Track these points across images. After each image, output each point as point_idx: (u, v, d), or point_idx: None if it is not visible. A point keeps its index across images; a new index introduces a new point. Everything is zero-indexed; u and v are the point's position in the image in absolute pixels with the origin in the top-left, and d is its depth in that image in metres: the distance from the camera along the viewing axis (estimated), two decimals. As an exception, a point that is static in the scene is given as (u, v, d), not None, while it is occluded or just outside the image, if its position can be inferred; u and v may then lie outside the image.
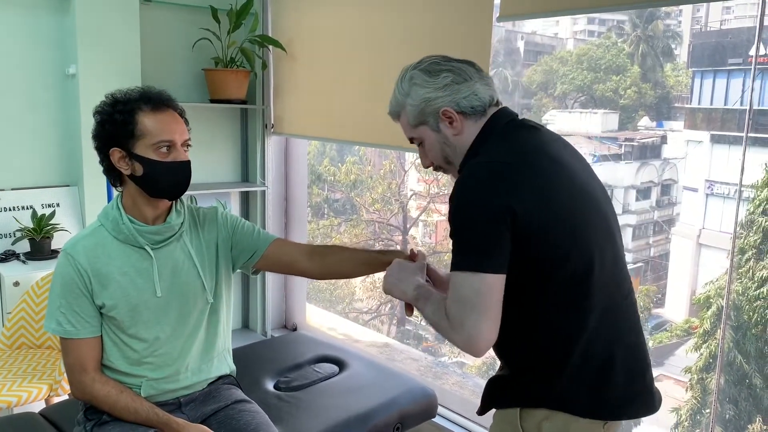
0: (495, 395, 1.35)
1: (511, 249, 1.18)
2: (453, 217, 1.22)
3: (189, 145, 1.57)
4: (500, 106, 1.35)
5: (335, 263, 1.72)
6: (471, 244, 1.19)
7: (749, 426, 7.18)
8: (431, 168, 1.40)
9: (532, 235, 1.18)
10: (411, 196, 12.37)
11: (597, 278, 1.24)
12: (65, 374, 1.61)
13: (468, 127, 1.30)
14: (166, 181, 1.53)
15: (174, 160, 1.52)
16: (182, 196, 1.64)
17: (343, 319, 4.27)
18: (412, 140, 1.38)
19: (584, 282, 1.23)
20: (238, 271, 1.79)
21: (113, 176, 1.57)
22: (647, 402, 1.30)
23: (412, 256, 1.57)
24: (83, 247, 1.54)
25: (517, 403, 1.29)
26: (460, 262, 1.19)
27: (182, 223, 1.63)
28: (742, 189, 8.23)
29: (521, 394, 1.29)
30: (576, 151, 1.37)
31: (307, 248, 1.75)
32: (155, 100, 1.53)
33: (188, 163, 1.55)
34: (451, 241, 1.24)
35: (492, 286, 1.17)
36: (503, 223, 1.16)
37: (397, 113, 1.38)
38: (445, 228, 11.97)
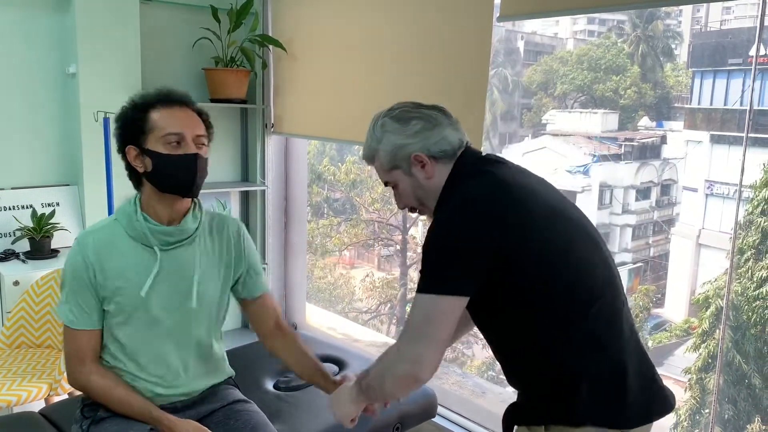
0: (518, 416, 1.35)
1: (498, 279, 1.22)
2: (428, 245, 1.25)
3: (203, 143, 1.55)
4: (465, 147, 1.39)
5: (283, 354, 1.75)
6: (437, 268, 1.24)
7: (748, 426, 7.19)
8: (407, 210, 1.44)
9: (519, 258, 1.22)
10: (411, 197, 12.35)
11: (593, 288, 1.26)
12: (65, 373, 1.60)
13: (439, 170, 1.35)
14: (173, 174, 1.50)
15: (183, 153, 1.50)
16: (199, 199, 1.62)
17: (342, 318, 4.27)
18: (386, 183, 1.42)
19: (583, 293, 1.25)
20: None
21: (133, 177, 1.56)
22: (664, 400, 1.32)
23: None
24: (93, 239, 1.54)
25: (542, 421, 1.29)
26: (422, 285, 1.24)
27: (197, 229, 1.60)
28: (742, 189, 8.23)
29: (545, 414, 1.29)
30: (541, 178, 1.41)
31: (275, 324, 1.75)
32: (167, 97, 1.53)
33: (196, 156, 1.51)
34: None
35: (448, 308, 1.22)
36: (480, 253, 1.20)
37: (371, 157, 1.42)
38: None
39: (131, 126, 1.51)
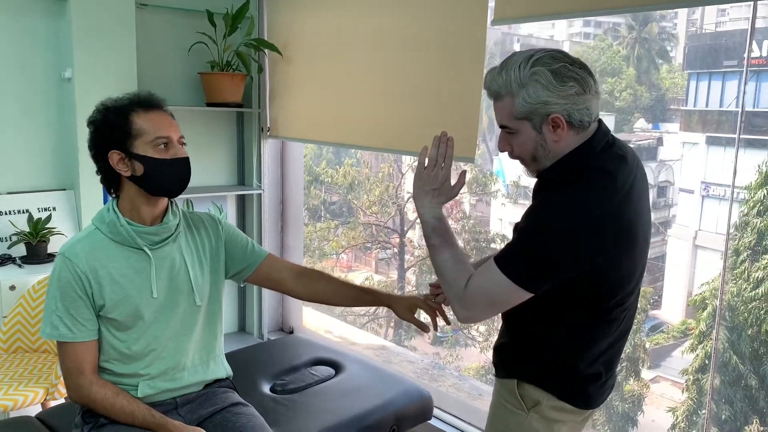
0: (514, 366, 1.43)
1: (568, 284, 1.26)
2: (535, 229, 1.27)
3: (184, 144, 1.60)
4: (598, 123, 1.33)
5: (321, 292, 1.81)
6: (531, 260, 1.25)
7: (746, 428, 7.19)
8: (507, 154, 1.37)
9: (596, 280, 1.27)
10: (408, 198, 12.37)
11: (629, 309, 1.38)
12: (62, 378, 1.61)
13: (569, 137, 1.28)
14: (167, 177, 1.56)
15: (174, 157, 1.55)
16: (176, 200, 1.66)
17: (339, 321, 4.27)
18: (502, 127, 1.33)
19: (621, 312, 1.35)
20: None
21: (111, 181, 1.58)
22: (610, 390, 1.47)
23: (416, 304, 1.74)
24: (81, 249, 1.55)
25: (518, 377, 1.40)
26: (510, 268, 1.25)
27: (178, 224, 1.66)
28: (738, 191, 8.25)
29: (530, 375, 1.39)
30: (645, 181, 1.39)
31: (296, 269, 1.83)
32: (146, 102, 1.57)
33: (188, 159, 1.59)
34: (510, 240, 1.33)
35: (518, 299, 1.27)
36: (574, 266, 1.23)
37: (500, 96, 1.29)
38: (442, 230, 11.97)
39: (114, 130, 1.53)
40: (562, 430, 1.40)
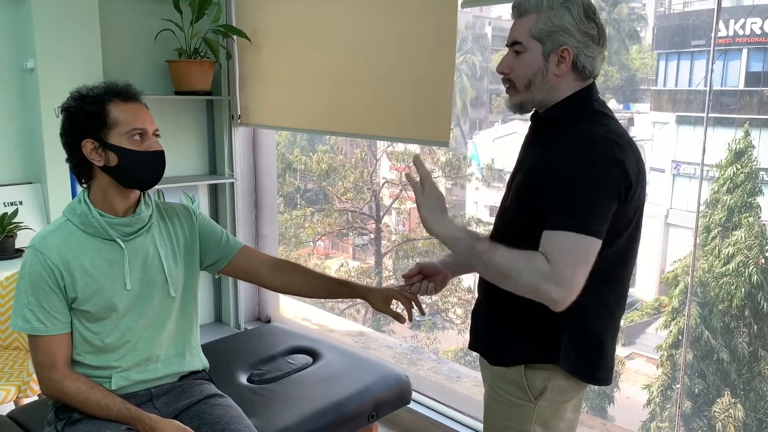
0: (520, 353, 1.37)
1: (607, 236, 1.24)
2: (572, 175, 1.22)
3: (158, 135, 1.58)
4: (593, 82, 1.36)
5: (296, 284, 1.80)
6: (589, 209, 1.20)
7: (718, 400, 7.37)
8: (502, 75, 1.37)
9: (624, 212, 1.26)
10: (383, 184, 12.38)
11: (632, 268, 1.37)
12: (34, 373, 1.58)
13: (568, 79, 1.31)
14: (140, 170, 1.54)
15: (148, 150, 1.53)
16: (149, 191, 1.64)
17: (317, 309, 4.27)
18: (513, 43, 1.33)
19: (629, 271, 1.36)
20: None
21: (83, 170, 1.56)
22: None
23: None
24: (53, 242, 1.53)
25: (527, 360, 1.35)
26: (575, 225, 1.19)
27: (151, 215, 1.64)
28: (708, 168, 8.39)
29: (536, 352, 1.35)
30: None
31: (271, 261, 1.81)
32: (123, 93, 1.54)
33: (163, 153, 1.57)
34: (544, 200, 1.24)
35: (596, 251, 1.20)
36: (618, 196, 1.22)
37: (526, 12, 1.31)
38: (418, 217, 12.01)
39: (89, 119, 1.50)
40: (568, 410, 1.39)
